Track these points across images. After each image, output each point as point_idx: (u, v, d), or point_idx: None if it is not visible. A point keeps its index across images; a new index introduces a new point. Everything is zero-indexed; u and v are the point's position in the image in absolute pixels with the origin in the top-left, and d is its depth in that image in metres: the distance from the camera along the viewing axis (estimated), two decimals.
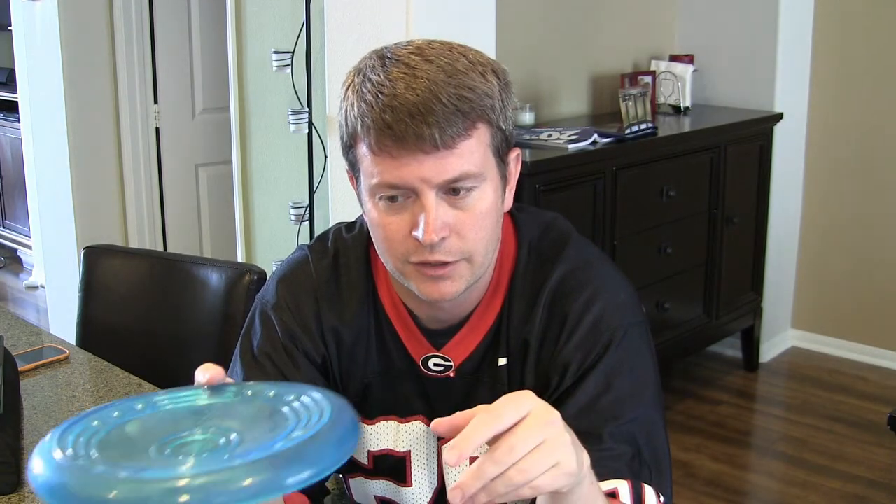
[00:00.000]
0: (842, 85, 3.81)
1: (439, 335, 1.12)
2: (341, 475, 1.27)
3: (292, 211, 2.86)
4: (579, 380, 1.05)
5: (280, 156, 2.99)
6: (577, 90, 3.70)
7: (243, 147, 3.11)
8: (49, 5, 3.46)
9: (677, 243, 3.32)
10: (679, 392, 3.62)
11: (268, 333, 1.14)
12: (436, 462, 1.17)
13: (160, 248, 3.86)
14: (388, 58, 0.99)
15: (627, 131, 3.09)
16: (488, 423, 0.76)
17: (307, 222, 2.85)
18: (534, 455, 0.76)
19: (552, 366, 1.07)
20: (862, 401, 3.56)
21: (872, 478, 3.01)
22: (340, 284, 1.15)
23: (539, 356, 1.09)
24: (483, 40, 2.54)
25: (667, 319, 3.33)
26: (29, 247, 5.21)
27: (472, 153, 0.98)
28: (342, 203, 2.61)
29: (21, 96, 4.71)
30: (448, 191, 0.98)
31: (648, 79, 3.64)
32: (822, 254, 3.97)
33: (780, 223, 3.85)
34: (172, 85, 3.85)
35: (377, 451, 1.17)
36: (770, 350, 3.96)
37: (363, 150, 0.99)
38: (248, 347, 1.15)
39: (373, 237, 1.06)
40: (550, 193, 2.81)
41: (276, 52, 2.76)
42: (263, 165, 3.08)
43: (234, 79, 3.06)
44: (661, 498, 1.03)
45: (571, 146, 2.95)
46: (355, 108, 0.98)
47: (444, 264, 1.00)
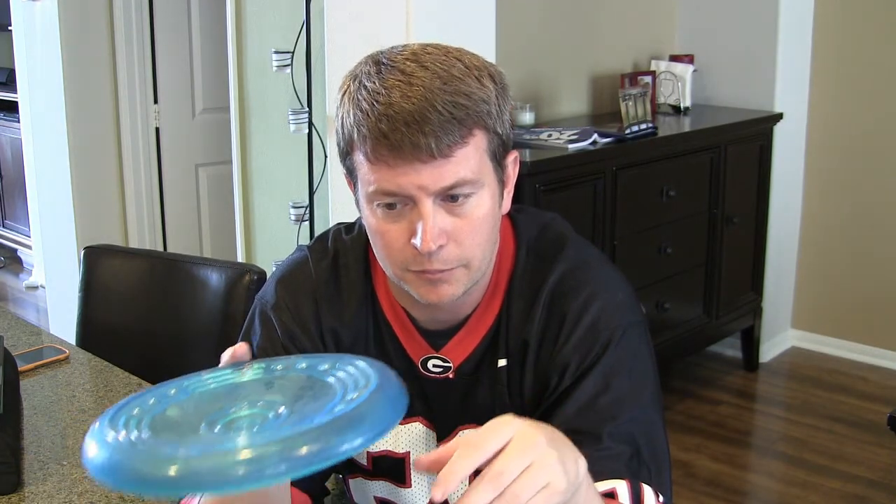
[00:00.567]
0: (842, 85, 3.81)
1: (438, 336, 1.12)
2: (341, 475, 1.27)
3: (292, 211, 2.86)
4: (578, 380, 1.05)
5: (280, 156, 2.99)
6: (577, 90, 3.70)
7: (243, 147, 3.11)
8: (49, 5, 3.46)
9: (677, 243, 3.32)
10: (679, 392, 3.62)
11: (267, 333, 1.14)
12: None
13: (160, 248, 3.86)
14: (383, 63, 0.98)
15: (627, 131, 3.09)
16: (471, 455, 0.75)
17: (307, 222, 2.85)
18: (522, 479, 0.75)
19: (551, 366, 1.07)
20: (862, 401, 3.56)
21: (872, 478, 3.01)
22: (340, 286, 1.15)
23: (538, 356, 1.09)
24: (483, 40, 2.54)
25: (667, 319, 3.33)
26: (29, 247, 5.21)
27: (468, 160, 0.98)
28: (342, 203, 2.61)
29: (21, 96, 4.71)
30: (445, 198, 0.98)
31: (648, 79, 3.64)
32: (822, 254, 3.97)
33: (780, 223, 3.85)
34: (172, 85, 3.85)
35: (376, 452, 1.17)
36: (770, 350, 3.96)
37: (360, 157, 0.99)
38: None
39: (372, 243, 1.06)
40: (550, 193, 2.81)
41: (276, 52, 2.76)
42: (263, 165, 3.07)
43: (234, 79, 3.06)
44: (661, 498, 1.03)
45: (571, 146, 2.95)
46: (351, 116, 0.98)
47: (442, 270, 1.01)
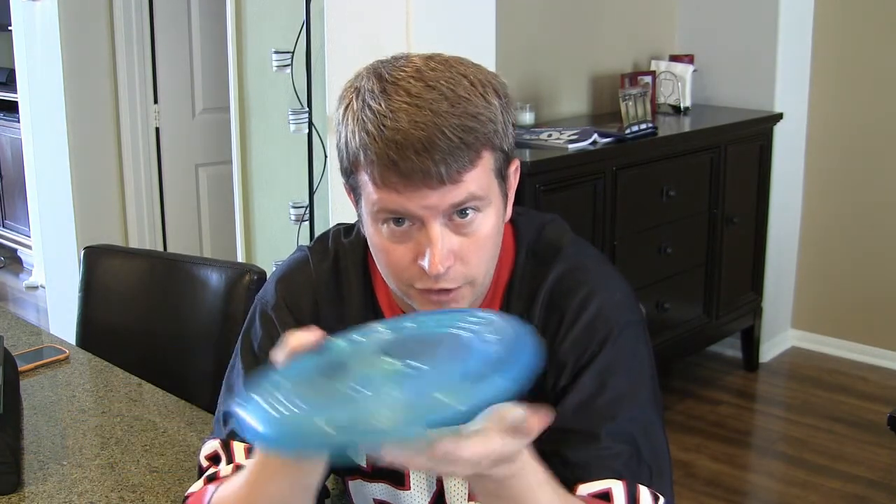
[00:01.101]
0: (842, 85, 3.81)
1: None
2: (340, 477, 1.27)
3: (292, 211, 2.86)
4: (575, 378, 1.05)
5: (280, 156, 2.99)
6: (577, 90, 3.70)
7: (243, 147, 3.11)
8: (49, 5, 3.46)
9: (677, 243, 3.32)
10: (679, 392, 3.62)
11: (268, 333, 1.14)
12: None
13: (160, 248, 3.86)
14: (387, 81, 0.97)
15: (627, 131, 3.09)
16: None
17: (307, 222, 2.85)
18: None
19: (549, 365, 1.07)
20: (862, 401, 3.56)
21: (872, 478, 3.01)
22: (340, 288, 1.15)
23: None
24: (483, 40, 2.54)
25: (667, 319, 3.33)
26: (29, 247, 5.21)
27: (477, 180, 0.98)
28: (342, 203, 2.61)
29: (21, 96, 4.71)
30: (453, 215, 0.98)
31: (648, 79, 3.64)
32: (822, 254, 3.97)
33: (780, 223, 3.85)
34: (172, 85, 3.86)
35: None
36: (770, 350, 3.96)
37: (365, 178, 0.98)
38: (248, 347, 1.15)
39: (375, 258, 1.06)
40: (550, 193, 2.81)
41: (276, 52, 2.76)
42: (263, 165, 3.07)
43: (234, 79, 3.06)
44: (662, 499, 1.03)
45: (571, 146, 2.95)
46: (357, 138, 0.97)
47: (447, 290, 1.01)
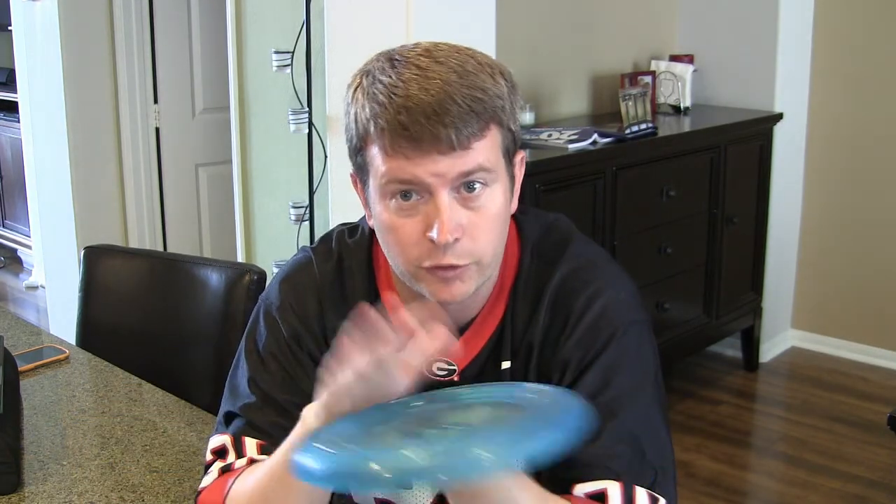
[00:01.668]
0: (842, 85, 3.81)
1: None
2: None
3: (292, 211, 2.86)
4: (578, 376, 1.05)
5: (280, 156, 2.99)
6: (577, 90, 3.70)
7: (243, 147, 3.11)
8: (49, 5, 3.46)
9: (677, 243, 3.32)
10: (679, 392, 3.62)
11: (273, 334, 1.14)
12: None
13: (160, 248, 3.86)
14: (396, 59, 0.99)
15: (627, 131, 3.09)
16: None
17: (307, 222, 2.85)
18: None
19: (553, 365, 1.07)
20: (862, 401, 3.56)
21: (872, 478, 3.01)
22: (344, 288, 1.14)
23: (541, 357, 1.08)
24: (483, 40, 2.54)
25: (667, 319, 3.33)
26: (29, 247, 5.21)
27: (485, 151, 0.99)
28: (342, 203, 2.61)
29: (21, 96, 4.71)
30: (461, 188, 0.99)
31: (648, 79, 3.64)
32: (822, 254, 3.97)
33: (780, 223, 3.85)
34: (172, 85, 3.85)
35: None
36: (770, 350, 3.96)
37: (374, 150, 0.99)
38: (252, 348, 1.15)
39: (382, 241, 1.06)
40: (550, 193, 2.81)
41: (276, 52, 2.76)
42: (263, 165, 3.07)
43: (234, 79, 3.06)
44: (662, 500, 1.03)
45: (571, 146, 2.95)
46: (367, 110, 0.98)
47: (455, 267, 1.01)
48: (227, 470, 1.09)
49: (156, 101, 3.79)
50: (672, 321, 3.37)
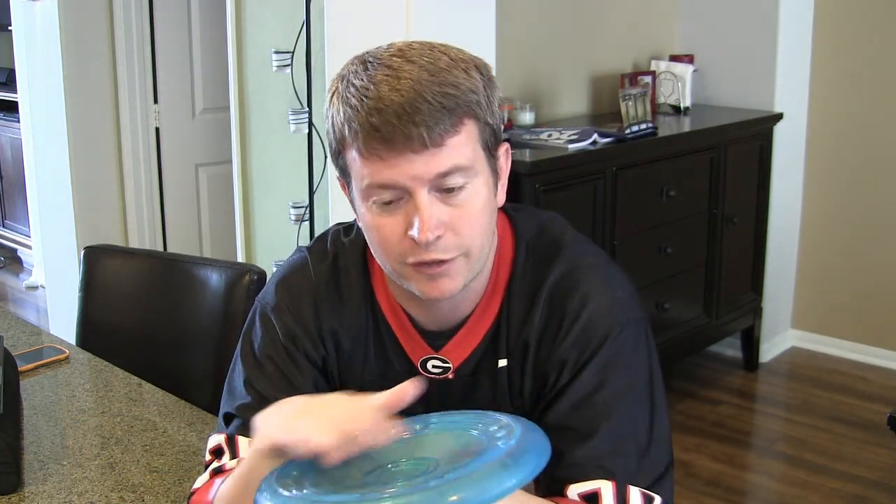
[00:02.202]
0: (842, 85, 3.81)
1: (438, 337, 1.12)
2: None
3: (292, 211, 2.86)
4: (574, 376, 1.05)
5: (280, 156, 2.99)
6: (577, 90, 3.70)
7: (243, 147, 3.11)
8: (49, 5, 3.46)
9: (677, 243, 3.32)
10: (679, 392, 3.62)
11: (269, 335, 1.14)
12: None
13: (160, 248, 3.86)
14: (369, 62, 0.99)
15: (627, 131, 3.09)
16: None
17: (307, 222, 2.85)
18: None
19: (549, 364, 1.07)
20: (862, 401, 3.56)
21: (872, 478, 3.01)
22: (339, 287, 1.15)
23: (537, 356, 1.08)
24: (483, 40, 2.55)
25: (667, 319, 3.33)
26: (29, 247, 5.21)
27: (461, 147, 0.98)
28: (342, 203, 2.61)
29: (21, 96, 4.71)
30: (441, 189, 0.99)
31: (648, 79, 3.64)
32: (822, 254, 3.97)
33: (780, 223, 3.85)
34: (172, 85, 3.85)
35: None
36: (770, 350, 3.96)
37: (352, 154, 1.00)
38: (249, 350, 1.15)
39: (368, 241, 1.07)
40: (550, 193, 2.81)
41: (276, 52, 2.76)
42: (263, 165, 3.08)
43: (234, 79, 3.06)
44: (658, 499, 1.03)
45: (571, 146, 2.95)
46: (341, 114, 0.99)
47: (441, 262, 1.00)
48: (218, 471, 1.09)
49: (156, 101, 3.79)
50: (672, 321, 3.37)
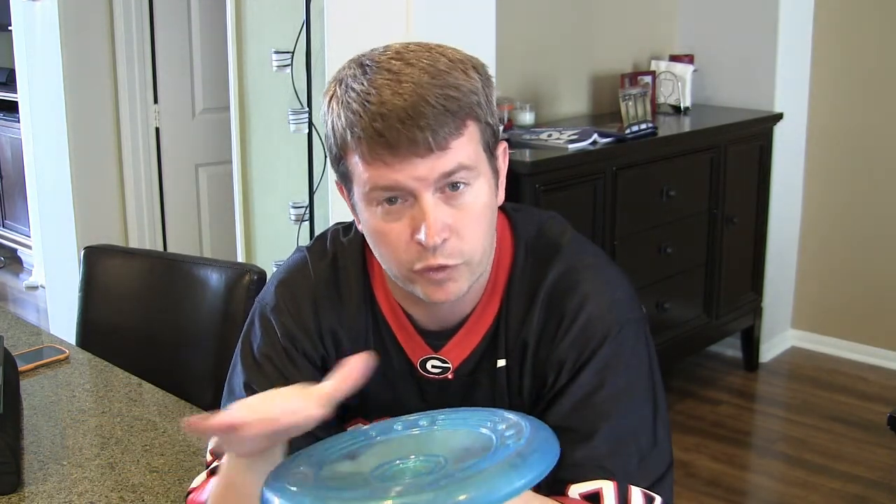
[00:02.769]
0: (842, 85, 3.81)
1: (437, 337, 1.12)
2: None
3: (292, 211, 2.86)
4: (574, 376, 1.05)
5: (280, 156, 2.99)
6: (577, 90, 3.70)
7: (243, 147, 3.11)
8: (49, 5, 3.46)
9: (677, 243, 3.32)
10: (679, 392, 3.62)
11: (267, 336, 1.14)
12: None
13: (160, 248, 3.86)
14: (367, 65, 0.99)
15: (627, 131, 3.09)
16: None
17: (307, 222, 2.85)
18: None
19: (548, 364, 1.07)
20: (862, 401, 3.56)
21: (872, 478, 3.01)
22: (339, 287, 1.14)
23: (536, 356, 1.08)
24: (483, 41, 2.55)
25: (667, 319, 3.33)
26: (29, 247, 5.21)
27: (464, 149, 0.98)
28: (342, 203, 2.60)
29: (21, 96, 4.71)
30: (445, 188, 0.99)
31: (648, 79, 3.64)
32: (822, 254, 3.97)
33: (780, 223, 3.85)
34: (172, 85, 3.85)
35: None
36: (770, 350, 3.96)
37: (355, 159, 0.99)
38: (248, 350, 1.15)
39: (372, 246, 1.06)
40: (550, 193, 2.81)
41: (276, 52, 2.76)
42: (263, 165, 3.07)
43: (234, 79, 3.06)
44: (658, 498, 1.03)
45: (571, 146, 2.95)
46: (342, 119, 0.98)
47: (445, 267, 1.00)
48: (215, 471, 1.09)
49: (156, 101, 3.79)
50: (672, 321, 3.37)
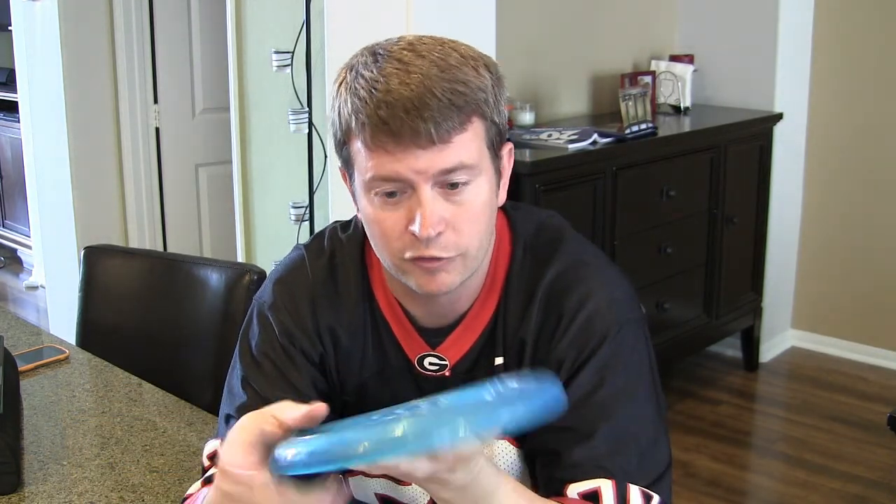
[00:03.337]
0: (842, 85, 3.81)
1: (435, 334, 1.12)
2: (341, 474, 1.27)
3: (292, 211, 2.86)
4: (573, 376, 1.05)
5: (280, 156, 2.99)
6: (577, 90, 3.70)
7: (243, 147, 3.11)
8: (49, 5, 3.46)
9: (677, 243, 3.32)
10: (679, 392, 3.62)
11: (266, 334, 1.14)
12: None
13: (160, 248, 3.86)
14: (379, 54, 0.99)
15: (627, 131, 3.09)
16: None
17: (307, 222, 2.85)
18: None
19: (547, 363, 1.07)
20: (862, 401, 3.56)
21: (872, 478, 3.01)
22: (337, 284, 1.15)
23: (535, 355, 1.08)
24: (483, 40, 2.55)
25: (667, 319, 3.33)
26: (29, 247, 5.21)
27: (467, 145, 0.98)
28: (342, 203, 2.61)
29: (21, 96, 4.71)
30: (444, 185, 0.98)
31: (648, 79, 3.64)
32: (822, 254, 3.97)
33: (780, 223, 3.85)
34: (172, 85, 3.85)
35: None
36: (770, 350, 3.96)
37: (357, 146, 1.00)
38: (246, 348, 1.15)
39: (368, 234, 1.06)
40: (550, 193, 2.81)
41: (276, 52, 2.76)
42: (263, 165, 3.08)
43: (234, 79, 3.06)
44: (657, 498, 1.03)
45: (571, 146, 2.95)
46: (349, 105, 0.98)
47: (438, 259, 1.00)
48: (210, 480, 1.08)
49: (156, 101, 3.79)
50: (672, 321, 3.37)
